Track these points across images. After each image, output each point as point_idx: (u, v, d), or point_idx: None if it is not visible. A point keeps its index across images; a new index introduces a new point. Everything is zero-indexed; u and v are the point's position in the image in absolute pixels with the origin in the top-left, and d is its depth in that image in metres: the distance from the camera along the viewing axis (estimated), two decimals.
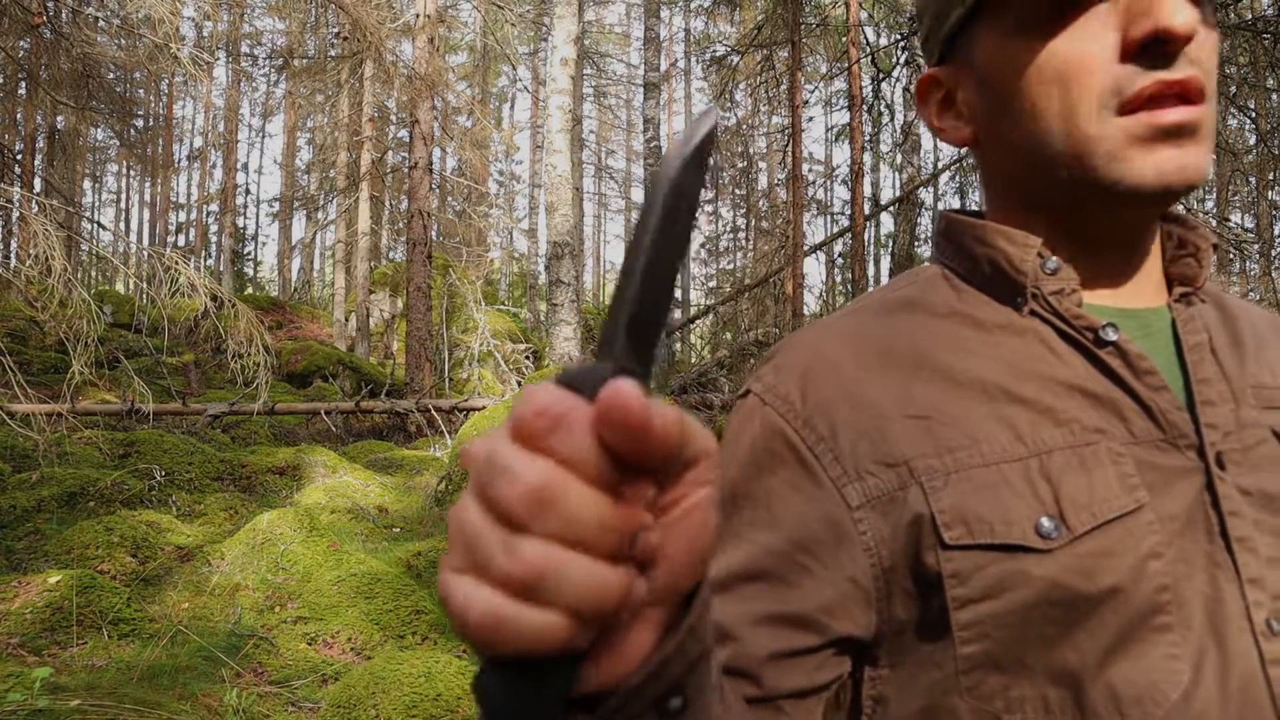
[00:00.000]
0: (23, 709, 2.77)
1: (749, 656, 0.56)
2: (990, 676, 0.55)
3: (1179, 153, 0.57)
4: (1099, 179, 0.58)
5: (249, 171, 31.25)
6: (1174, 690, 0.53)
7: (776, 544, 0.58)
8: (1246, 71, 7.93)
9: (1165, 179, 0.57)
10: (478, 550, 0.30)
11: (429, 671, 3.12)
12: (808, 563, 0.58)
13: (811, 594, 0.57)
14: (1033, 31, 0.60)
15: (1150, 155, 0.57)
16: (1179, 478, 0.57)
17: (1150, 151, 0.57)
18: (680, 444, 0.31)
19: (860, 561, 0.58)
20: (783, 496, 0.59)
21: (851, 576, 0.57)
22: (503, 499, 0.29)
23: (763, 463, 0.61)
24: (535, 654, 0.29)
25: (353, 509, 5.64)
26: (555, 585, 0.29)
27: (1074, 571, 0.54)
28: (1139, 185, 0.57)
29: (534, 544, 0.29)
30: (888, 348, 0.62)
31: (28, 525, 4.71)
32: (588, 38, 24.71)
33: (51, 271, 5.20)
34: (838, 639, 0.58)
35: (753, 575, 0.58)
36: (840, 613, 0.57)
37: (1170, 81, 0.56)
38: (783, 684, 0.57)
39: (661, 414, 0.29)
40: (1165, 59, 0.56)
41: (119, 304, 13.49)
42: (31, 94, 11.23)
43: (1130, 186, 0.57)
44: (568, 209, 8.37)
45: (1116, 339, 0.59)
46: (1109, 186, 0.58)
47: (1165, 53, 0.56)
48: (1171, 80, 0.56)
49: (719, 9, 14.29)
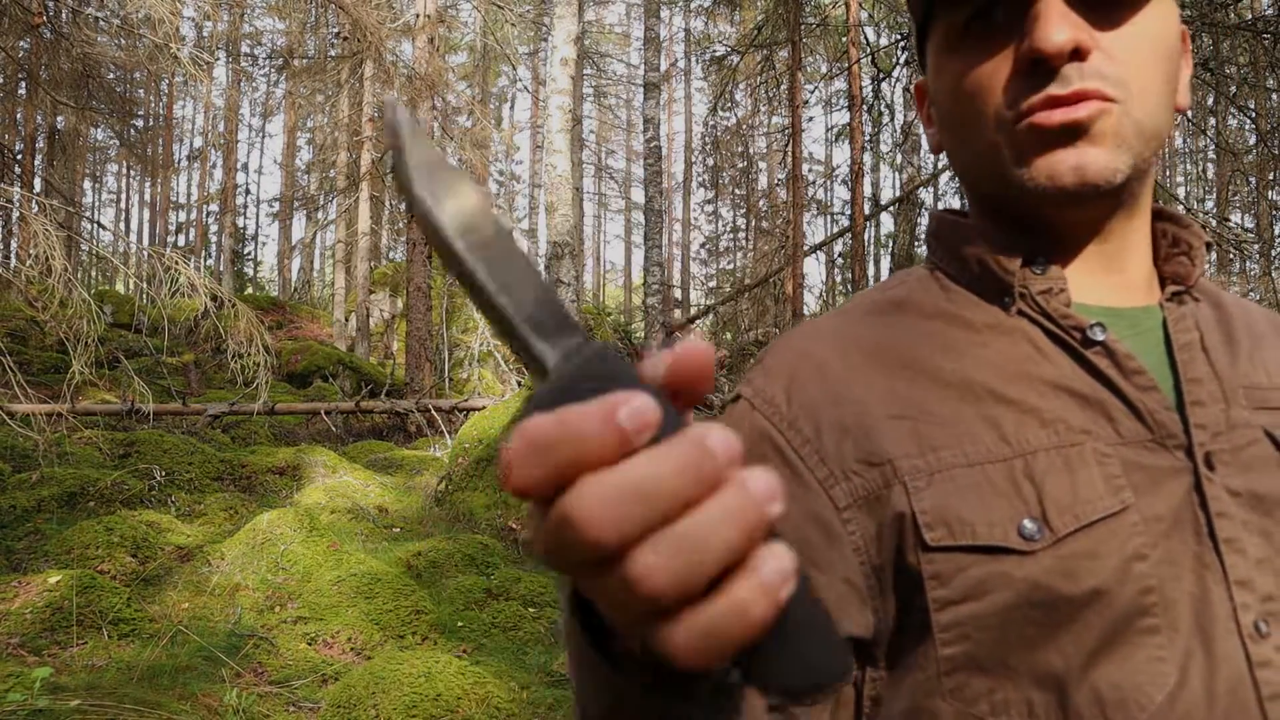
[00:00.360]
0: (23, 709, 2.77)
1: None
2: (973, 679, 0.55)
3: (1073, 153, 0.58)
4: (1009, 185, 0.61)
5: (249, 171, 31.26)
6: (1159, 693, 0.53)
7: None
8: (1246, 71, 7.93)
9: (1058, 180, 0.58)
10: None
11: (429, 671, 3.12)
12: (803, 566, 0.58)
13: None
14: (953, 51, 0.63)
15: (1044, 158, 0.59)
16: (1167, 478, 0.57)
17: (1044, 153, 0.59)
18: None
19: (851, 561, 0.58)
20: None
21: (845, 577, 0.58)
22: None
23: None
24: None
25: (353, 509, 5.64)
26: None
27: (1056, 573, 0.54)
28: (1037, 187, 0.59)
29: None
30: (875, 348, 0.63)
31: (28, 525, 4.72)
32: (588, 38, 24.71)
33: (52, 271, 5.20)
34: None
35: None
36: (840, 614, 0.57)
37: (1056, 97, 0.57)
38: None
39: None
40: (1049, 75, 0.58)
41: (119, 304, 13.49)
42: (31, 94, 11.23)
43: (1030, 190, 0.60)
44: (568, 209, 8.37)
45: (1104, 339, 0.59)
46: (1017, 192, 0.61)
47: (1048, 69, 0.58)
48: (1057, 95, 0.57)
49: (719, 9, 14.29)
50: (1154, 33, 0.60)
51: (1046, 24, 0.57)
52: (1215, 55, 7.21)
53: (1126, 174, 0.59)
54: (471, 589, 4.40)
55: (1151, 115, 0.59)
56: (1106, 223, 0.63)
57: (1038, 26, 0.57)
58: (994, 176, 0.62)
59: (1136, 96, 0.58)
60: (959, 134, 0.64)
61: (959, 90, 0.63)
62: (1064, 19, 0.57)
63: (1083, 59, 0.57)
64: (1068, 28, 0.57)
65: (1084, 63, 0.58)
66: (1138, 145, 0.59)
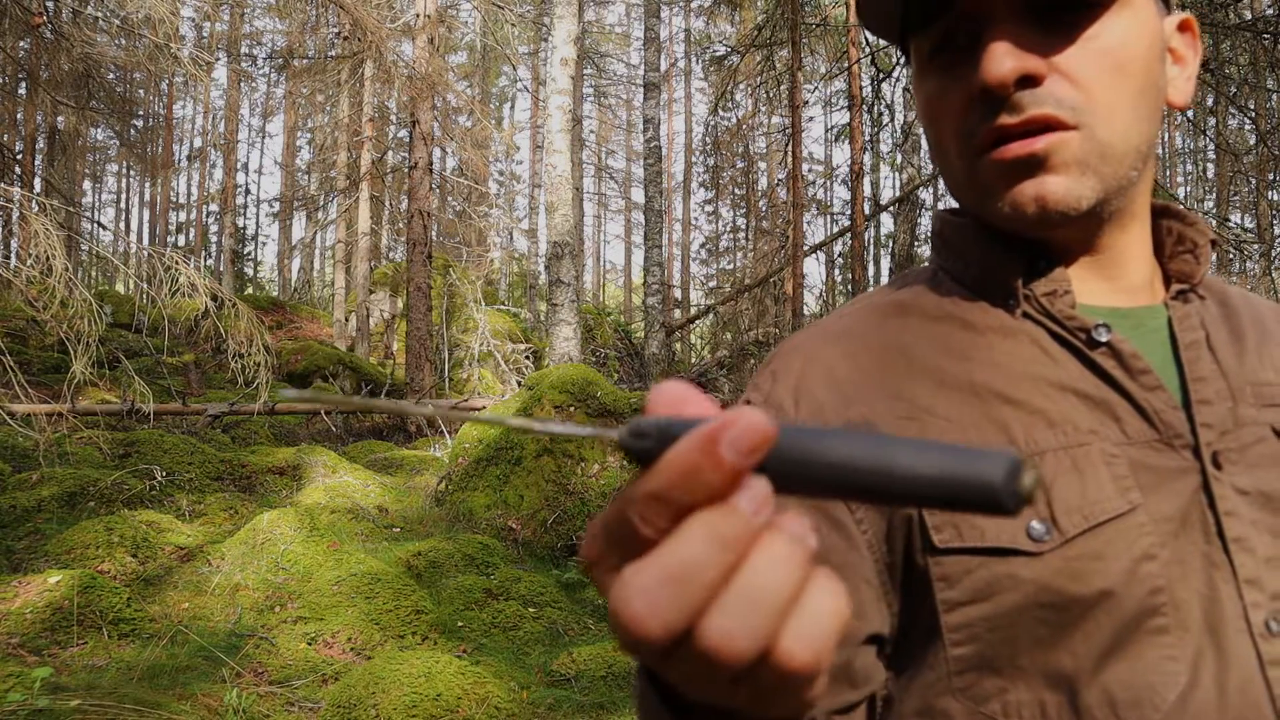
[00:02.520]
0: (23, 709, 2.77)
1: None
2: (984, 679, 0.55)
3: (1033, 184, 0.58)
4: (981, 211, 0.62)
5: (249, 171, 31.26)
6: (1171, 692, 0.52)
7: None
8: (1246, 71, 7.92)
9: (1021, 210, 0.58)
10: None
11: (429, 671, 3.12)
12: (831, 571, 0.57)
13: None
14: (923, 75, 0.63)
15: (1009, 190, 0.58)
16: (1174, 478, 0.57)
17: (1008, 186, 0.58)
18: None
19: (868, 561, 0.58)
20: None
21: (865, 578, 0.58)
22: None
23: None
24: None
25: (353, 509, 5.64)
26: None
27: (1065, 574, 0.54)
28: (1005, 216, 0.59)
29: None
30: (882, 351, 0.62)
31: (28, 525, 4.71)
32: (588, 38, 24.70)
33: (52, 271, 5.20)
34: (869, 639, 0.58)
35: None
36: (868, 614, 0.57)
37: (1007, 126, 0.57)
38: (832, 702, 0.55)
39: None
40: (999, 104, 0.57)
41: (119, 304, 13.49)
42: (31, 94, 11.23)
43: (1002, 217, 0.60)
44: (568, 209, 8.37)
45: (1109, 339, 0.59)
46: (991, 217, 0.61)
47: (998, 99, 0.57)
48: (1009, 124, 0.57)
49: (719, 9, 14.29)
50: (1118, 45, 0.57)
51: (991, 54, 0.56)
52: (1215, 55, 7.21)
53: (1094, 199, 0.58)
54: (471, 589, 4.39)
55: (1122, 134, 0.58)
56: (1096, 239, 0.62)
57: (984, 58, 0.56)
58: (969, 201, 0.63)
59: (1101, 118, 0.57)
60: (938, 158, 0.65)
61: (929, 115, 0.63)
62: (1008, 49, 0.56)
63: (1037, 84, 0.56)
64: (1012, 57, 0.55)
65: (1038, 88, 0.56)
66: (1105, 168, 0.58)
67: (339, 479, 6.27)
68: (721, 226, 22.29)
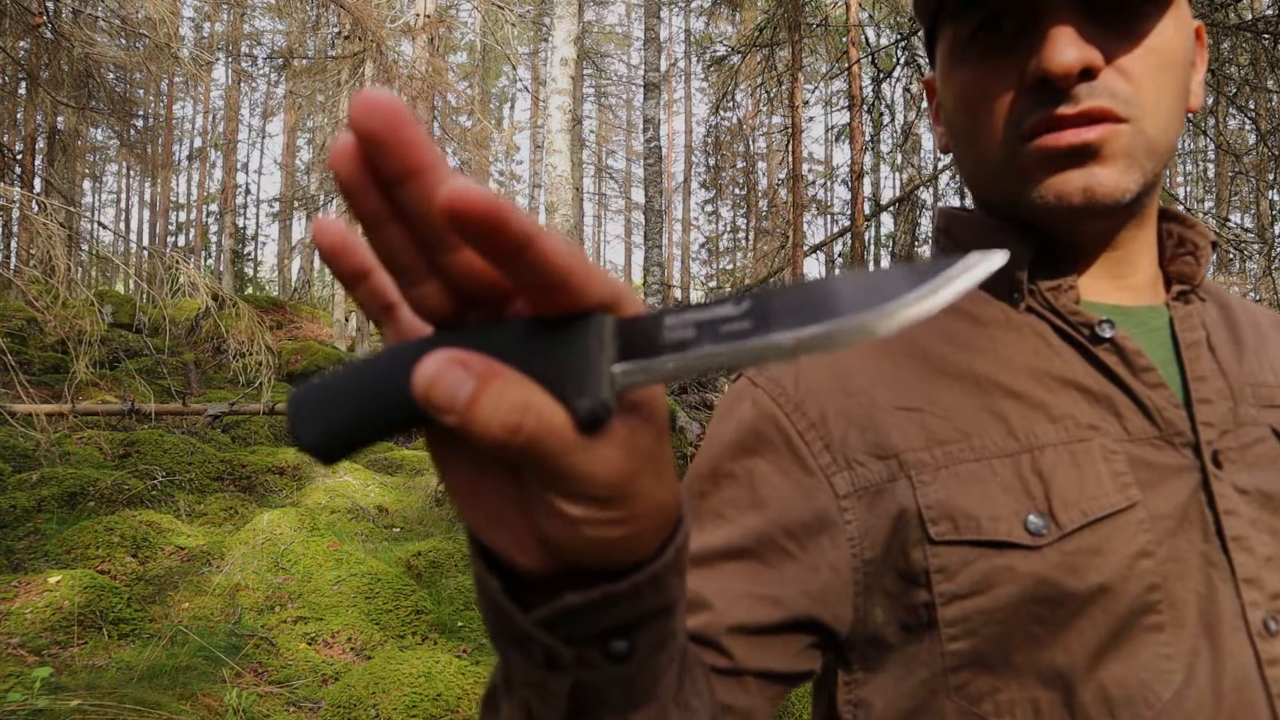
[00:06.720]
0: (23, 709, 2.77)
1: (721, 626, 0.55)
2: (979, 677, 0.55)
3: (1082, 173, 0.57)
4: (1017, 200, 0.61)
5: (249, 171, 31.25)
6: (1166, 690, 0.52)
7: (760, 525, 0.58)
8: (1247, 71, 7.92)
9: (1066, 200, 0.58)
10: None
11: (429, 671, 3.12)
12: (790, 547, 0.57)
13: (792, 578, 0.57)
14: (960, 60, 0.62)
15: (1053, 177, 0.58)
16: (1174, 476, 0.57)
17: (1053, 174, 0.58)
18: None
19: (842, 550, 0.57)
20: (768, 479, 0.59)
21: (833, 564, 0.57)
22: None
23: (748, 444, 0.60)
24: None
25: (353, 509, 5.64)
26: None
27: (1062, 569, 0.54)
28: (1045, 206, 0.59)
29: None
30: (884, 341, 0.62)
31: (28, 525, 4.71)
32: (588, 38, 24.71)
33: (54, 271, 5.20)
34: (814, 627, 0.57)
35: (733, 554, 0.57)
36: (819, 600, 0.57)
37: (1063, 116, 0.57)
38: (751, 661, 0.56)
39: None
40: (1058, 94, 0.57)
41: (119, 304, 13.48)
42: (31, 94, 11.23)
43: (1039, 207, 0.59)
44: (568, 209, 8.37)
45: (1113, 335, 0.59)
46: (1026, 207, 0.60)
47: (1056, 89, 0.57)
48: (1065, 115, 0.57)
49: (719, 9, 14.30)
50: (1168, 46, 0.59)
51: (1056, 44, 0.56)
52: (1215, 55, 7.21)
53: (1136, 191, 0.58)
54: (471, 589, 4.39)
55: (1164, 130, 0.59)
56: (1116, 234, 0.63)
57: (1046, 45, 0.56)
58: (1002, 190, 0.62)
59: (1149, 113, 0.58)
60: (966, 145, 0.64)
61: (965, 102, 0.62)
62: (1073, 39, 0.56)
63: (1093, 78, 0.57)
64: (1076, 48, 0.56)
65: (1095, 81, 0.57)
66: (1149, 163, 0.58)
67: (339, 479, 6.27)
68: (721, 226, 22.31)
